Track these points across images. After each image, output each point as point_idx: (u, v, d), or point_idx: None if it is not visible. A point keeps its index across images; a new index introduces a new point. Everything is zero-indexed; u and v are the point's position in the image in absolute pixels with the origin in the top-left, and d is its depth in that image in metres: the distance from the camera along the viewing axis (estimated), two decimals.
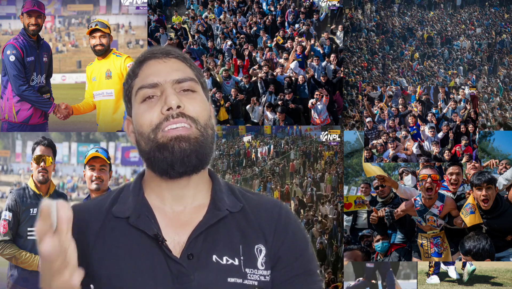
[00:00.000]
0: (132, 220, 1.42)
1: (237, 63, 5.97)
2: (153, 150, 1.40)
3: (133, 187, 1.49)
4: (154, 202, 1.45)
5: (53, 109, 4.86)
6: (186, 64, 1.48)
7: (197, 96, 1.44)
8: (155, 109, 1.41)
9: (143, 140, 1.43)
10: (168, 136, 1.38)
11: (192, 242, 1.40)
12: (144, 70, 1.46)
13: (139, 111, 1.43)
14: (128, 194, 1.48)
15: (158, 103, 1.41)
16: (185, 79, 1.44)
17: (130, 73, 1.49)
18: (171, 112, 1.39)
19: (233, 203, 1.47)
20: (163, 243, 1.39)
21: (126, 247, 1.40)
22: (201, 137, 1.40)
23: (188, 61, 1.49)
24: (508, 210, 4.59)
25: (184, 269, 1.38)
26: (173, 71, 1.44)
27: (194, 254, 1.39)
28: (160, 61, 1.46)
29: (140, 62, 1.49)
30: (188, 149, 1.38)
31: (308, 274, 1.48)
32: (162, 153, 1.39)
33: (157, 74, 1.44)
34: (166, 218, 1.44)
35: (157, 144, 1.39)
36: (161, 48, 1.50)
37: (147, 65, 1.47)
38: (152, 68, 1.45)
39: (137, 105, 1.44)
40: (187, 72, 1.46)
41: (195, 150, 1.39)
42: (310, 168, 6.02)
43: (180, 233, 1.42)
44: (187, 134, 1.39)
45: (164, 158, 1.39)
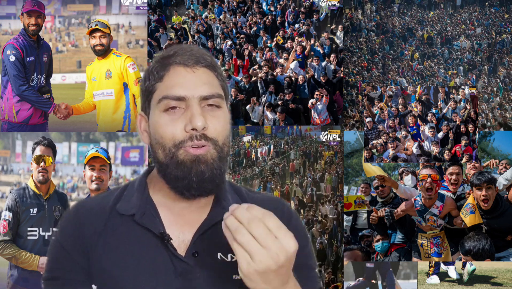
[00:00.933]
0: (137, 217, 1.41)
1: (237, 63, 5.97)
2: (171, 166, 1.38)
3: (138, 185, 1.48)
4: (159, 200, 1.45)
5: (53, 109, 4.86)
6: (214, 74, 1.43)
7: (220, 114, 1.42)
8: (178, 124, 1.38)
9: (161, 151, 1.40)
10: (188, 156, 1.36)
11: (197, 240, 1.41)
12: (170, 77, 1.40)
13: (161, 120, 1.39)
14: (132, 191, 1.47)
15: (181, 118, 1.38)
16: (212, 95, 1.40)
17: (154, 72, 1.43)
18: (195, 133, 1.36)
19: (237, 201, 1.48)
20: (168, 241, 1.39)
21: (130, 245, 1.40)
22: (217, 158, 1.40)
23: (216, 70, 1.44)
24: (508, 210, 4.59)
25: (189, 267, 1.38)
26: (201, 84, 1.39)
27: (199, 252, 1.40)
28: (189, 70, 1.40)
29: (167, 64, 1.42)
30: (205, 171, 1.37)
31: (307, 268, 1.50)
32: (178, 169, 1.37)
33: (185, 86, 1.38)
34: (171, 216, 1.44)
35: (176, 160, 1.37)
36: (191, 52, 1.42)
37: (174, 71, 1.40)
38: (180, 78, 1.40)
39: (158, 112, 1.40)
40: (215, 86, 1.42)
41: (212, 174, 1.38)
42: (310, 168, 6.02)
43: (185, 231, 1.43)
44: (206, 155, 1.37)
45: (181, 177, 1.37)
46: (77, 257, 1.41)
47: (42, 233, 4.26)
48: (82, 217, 1.45)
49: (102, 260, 1.39)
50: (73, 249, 1.41)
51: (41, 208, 4.28)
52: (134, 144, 8.62)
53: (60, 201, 4.40)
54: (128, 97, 4.87)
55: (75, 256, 1.41)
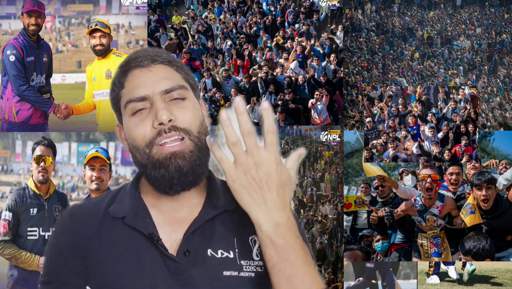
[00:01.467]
0: (128, 219, 1.42)
1: (237, 63, 5.97)
2: (149, 167, 1.39)
3: (129, 188, 1.49)
4: (150, 201, 1.45)
5: (53, 109, 4.86)
6: (172, 69, 1.44)
7: (187, 104, 1.42)
8: (146, 123, 1.39)
9: (138, 154, 1.41)
10: (163, 154, 1.37)
11: (188, 238, 1.40)
12: (129, 81, 1.43)
13: (130, 124, 1.41)
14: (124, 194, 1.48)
15: (148, 116, 1.39)
16: (173, 88, 1.41)
17: (115, 82, 1.46)
18: (162, 127, 1.37)
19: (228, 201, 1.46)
20: (158, 242, 1.39)
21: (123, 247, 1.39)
22: (196, 148, 1.39)
23: (174, 64, 1.45)
24: (508, 210, 4.59)
25: (181, 266, 1.38)
26: (160, 80, 1.41)
27: (191, 250, 1.40)
28: (145, 70, 1.42)
29: (124, 71, 1.45)
30: (183, 166, 1.37)
31: None
32: (158, 171, 1.38)
33: (144, 85, 1.40)
34: (162, 216, 1.44)
35: (152, 161, 1.38)
36: (145, 53, 1.45)
37: (132, 75, 1.43)
38: (138, 79, 1.41)
39: (128, 118, 1.42)
40: (175, 79, 1.43)
41: (191, 166, 1.38)
42: (310, 168, 6.02)
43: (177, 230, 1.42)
44: (182, 149, 1.37)
45: (160, 176, 1.38)
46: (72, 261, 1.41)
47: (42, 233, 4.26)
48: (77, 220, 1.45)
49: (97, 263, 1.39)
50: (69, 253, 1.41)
51: (41, 208, 4.28)
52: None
53: (60, 201, 4.40)
54: None
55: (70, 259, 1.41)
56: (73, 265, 1.40)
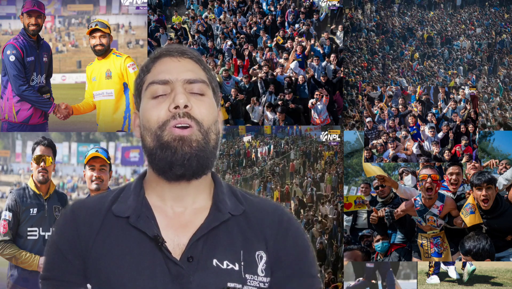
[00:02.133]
0: (132, 220, 1.41)
1: (237, 63, 5.97)
2: (156, 147, 1.41)
3: (134, 187, 1.48)
4: (154, 202, 1.45)
5: (53, 109, 4.86)
6: (200, 66, 1.48)
7: (205, 100, 1.45)
8: (163, 106, 1.42)
9: (148, 136, 1.43)
10: (173, 135, 1.39)
11: (193, 245, 1.40)
12: (157, 67, 1.47)
13: (148, 106, 1.44)
14: (129, 193, 1.47)
15: (166, 101, 1.42)
16: (196, 80, 1.44)
17: (143, 68, 1.50)
18: (178, 111, 1.40)
19: (235, 205, 1.46)
20: (162, 244, 1.38)
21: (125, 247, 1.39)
22: (202, 140, 1.41)
23: (202, 63, 1.50)
24: (508, 210, 4.59)
25: (183, 271, 1.37)
26: (186, 71, 1.45)
27: (194, 257, 1.39)
28: (174, 60, 1.47)
29: (154, 58, 1.49)
30: (189, 152, 1.39)
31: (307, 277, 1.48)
32: (164, 152, 1.40)
33: (169, 72, 1.45)
34: (166, 219, 1.43)
35: (161, 142, 1.40)
36: (178, 46, 1.50)
37: (160, 62, 1.47)
38: (165, 66, 1.46)
39: (146, 100, 1.45)
40: (200, 74, 1.47)
41: (195, 154, 1.39)
42: (310, 168, 6.02)
43: (180, 234, 1.42)
44: (189, 135, 1.39)
45: (165, 156, 1.39)
46: (72, 258, 1.41)
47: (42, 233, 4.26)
48: (78, 217, 1.45)
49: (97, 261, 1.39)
50: (69, 250, 1.41)
51: (41, 208, 4.28)
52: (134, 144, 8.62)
53: (60, 201, 4.40)
54: (128, 97, 4.87)
55: (70, 257, 1.41)
56: (73, 263, 1.40)
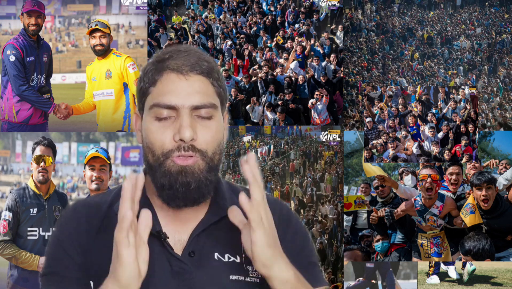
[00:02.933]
0: None
1: (237, 63, 5.97)
2: (158, 172, 1.40)
3: None
4: (155, 200, 1.46)
5: (53, 109, 4.86)
6: (209, 81, 1.41)
7: (212, 125, 1.41)
8: (167, 133, 1.38)
9: (151, 156, 1.41)
10: (175, 168, 1.38)
11: (194, 240, 1.41)
12: (163, 82, 1.39)
13: (152, 127, 1.40)
14: None
15: (171, 127, 1.38)
16: (204, 105, 1.39)
17: (148, 74, 1.42)
18: (183, 143, 1.37)
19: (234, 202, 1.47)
20: (165, 240, 1.39)
21: None
22: (206, 168, 1.40)
23: (212, 76, 1.42)
24: (508, 210, 4.59)
25: (185, 266, 1.39)
26: (193, 93, 1.38)
27: (196, 252, 1.40)
28: (182, 78, 1.38)
29: (161, 70, 1.40)
30: (191, 182, 1.38)
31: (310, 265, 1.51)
32: (166, 179, 1.39)
33: (176, 94, 1.37)
34: (167, 215, 1.44)
35: (163, 170, 1.39)
36: (187, 58, 1.40)
37: (167, 77, 1.39)
38: (172, 85, 1.38)
39: (150, 119, 1.40)
40: (208, 95, 1.40)
41: (198, 184, 1.38)
42: (310, 168, 6.02)
43: (181, 231, 1.43)
44: (192, 165, 1.38)
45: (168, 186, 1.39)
46: (74, 255, 1.41)
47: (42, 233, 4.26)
48: (80, 214, 1.46)
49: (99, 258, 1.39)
50: (71, 246, 1.42)
51: (41, 208, 4.28)
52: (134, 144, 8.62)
53: (60, 201, 4.40)
54: (128, 97, 4.87)
55: (72, 253, 1.41)
56: (74, 258, 1.41)
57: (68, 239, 1.43)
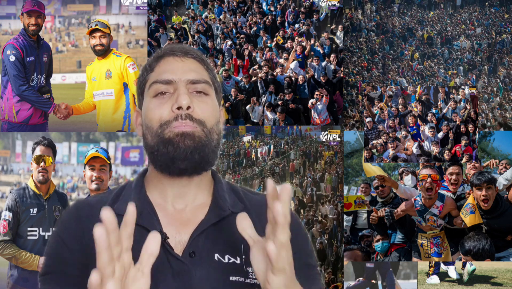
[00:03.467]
0: None
1: (237, 63, 5.97)
2: (157, 144, 1.42)
3: (135, 185, 1.50)
4: (156, 200, 1.46)
5: (53, 109, 4.86)
6: (203, 66, 1.50)
7: (208, 100, 1.46)
8: (165, 106, 1.43)
9: (149, 135, 1.44)
10: (174, 132, 1.40)
11: (194, 240, 1.41)
12: (160, 66, 1.48)
13: (150, 105, 1.45)
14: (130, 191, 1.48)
15: (169, 101, 1.43)
16: (199, 80, 1.45)
17: (146, 66, 1.51)
18: (180, 112, 1.41)
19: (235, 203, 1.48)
20: (165, 240, 1.40)
21: None
22: (205, 138, 1.42)
23: (205, 63, 1.51)
24: (508, 210, 4.59)
25: (186, 266, 1.39)
26: (189, 71, 1.46)
27: (196, 252, 1.40)
28: (177, 59, 1.48)
29: (158, 57, 1.50)
30: (191, 145, 1.40)
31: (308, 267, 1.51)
32: (166, 147, 1.41)
33: (173, 71, 1.45)
34: (167, 216, 1.45)
35: (163, 139, 1.41)
36: (181, 46, 1.52)
37: (164, 61, 1.48)
38: (169, 65, 1.47)
39: (149, 99, 1.46)
40: (203, 74, 1.48)
41: (198, 148, 1.41)
42: (310, 168, 6.02)
43: (182, 231, 1.43)
44: (192, 131, 1.40)
45: (167, 152, 1.41)
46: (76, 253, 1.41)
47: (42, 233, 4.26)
48: (82, 213, 1.46)
49: None
50: (72, 245, 1.42)
51: (41, 208, 4.28)
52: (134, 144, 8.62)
53: (60, 201, 4.40)
54: (128, 97, 4.87)
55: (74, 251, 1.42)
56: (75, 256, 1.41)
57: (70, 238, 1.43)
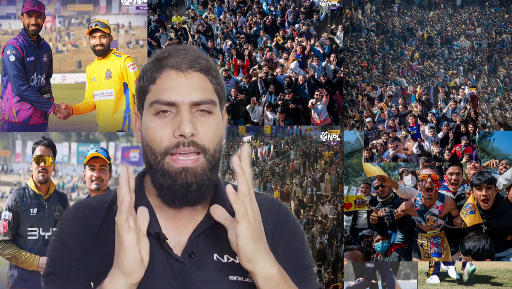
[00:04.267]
0: None
1: (237, 63, 5.97)
2: (157, 171, 1.39)
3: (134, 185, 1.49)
4: (154, 201, 1.46)
5: (53, 109, 4.86)
6: (207, 79, 1.42)
7: (212, 121, 1.40)
8: (167, 130, 1.38)
9: (150, 154, 1.40)
10: (174, 167, 1.37)
11: (193, 241, 1.41)
12: (162, 80, 1.40)
13: (151, 124, 1.39)
14: None
15: (171, 123, 1.38)
16: (203, 101, 1.39)
17: (148, 73, 1.42)
18: (183, 139, 1.36)
19: None
20: (164, 241, 1.39)
21: None
22: (208, 166, 1.39)
23: (210, 73, 1.42)
24: (508, 210, 4.59)
25: (185, 267, 1.39)
26: (193, 90, 1.38)
27: (195, 253, 1.41)
28: (181, 75, 1.39)
29: (160, 67, 1.41)
30: (192, 182, 1.37)
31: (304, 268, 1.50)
32: (165, 180, 1.38)
33: (176, 91, 1.38)
34: (166, 217, 1.44)
35: (162, 170, 1.38)
36: (186, 55, 1.41)
37: (166, 75, 1.40)
38: (171, 82, 1.39)
39: (150, 116, 1.40)
40: (207, 91, 1.40)
41: (199, 184, 1.38)
42: (310, 168, 6.02)
43: (181, 232, 1.43)
44: (195, 166, 1.37)
45: (167, 186, 1.38)
46: (77, 254, 1.42)
47: (42, 233, 4.26)
48: (82, 214, 1.46)
49: (99, 259, 1.40)
50: (73, 246, 1.42)
51: (41, 208, 4.28)
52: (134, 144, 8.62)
53: (60, 201, 4.40)
54: (128, 97, 4.88)
55: (75, 252, 1.42)
56: (76, 258, 1.41)
57: (70, 238, 1.43)
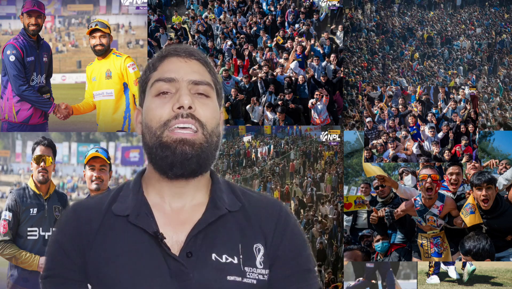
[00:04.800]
0: (132, 218, 1.42)
1: (237, 63, 5.97)
2: (155, 147, 1.42)
3: (133, 185, 1.50)
4: (153, 200, 1.46)
5: (53, 109, 4.86)
6: (206, 69, 1.49)
7: (209, 102, 1.46)
8: (167, 106, 1.43)
9: (148, 134, 1.44)
10: (172, 138, 1.40)
11: (191, 240, 1.41)
12: (164, 65, 1.48)
13: (152, 105, 1.45)
14: (128, 192, 1.48)
15: (171, 101, 1.43)
16: (201, 82, 1.45)
17: (150, 65, 1.51)
18: (181, 111, 1.41)
19: (232, 202, 1.48)
20: (162, 240, 1.39)
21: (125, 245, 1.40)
22: (205, 143, 1.42)
23: (208, 66, 1.51)
24: (508, 210, 4.59)
25: (183, 267, 1.39)
26: (192, 72, 1.46)
27: (193, 252, 1.40)
28: (181, 60, 1.48)
29: (161, 57, 1.50)
30: (189, 152, 1.40)
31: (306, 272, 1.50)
32: (164, 151, 1.41)
33: (176, 71, 1.45)
34: (164, 216, 1.45)
35: (160, 142, 1.41)
36: (186, 47, 1.51)
37: (168, 61, 1.48)
38: (172, 65, 1.47)
39: (151, 98, 1.46)
40: (206, 76, 1.48)
41: (196, 155, 1.41)
42: (310, 168, 6.02)
43: (179, 231, 1.43)
44: (192, 139, 1.40)
45: (165, 156, 1.40)
46: (74, 256, 1.42)
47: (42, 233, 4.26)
48: (80, 216, 1.46)
49: (97, 260, 1.40)
50: (71, 248, 1.43)
51: (41, 208, 4.28)
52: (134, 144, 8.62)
53: (60, 201, 4.40)
54: (128, 97, 4.87)
55: (72, 255, 1.42)
56: (74, 260, 1.42)
57: (68, 240, 1.43)
